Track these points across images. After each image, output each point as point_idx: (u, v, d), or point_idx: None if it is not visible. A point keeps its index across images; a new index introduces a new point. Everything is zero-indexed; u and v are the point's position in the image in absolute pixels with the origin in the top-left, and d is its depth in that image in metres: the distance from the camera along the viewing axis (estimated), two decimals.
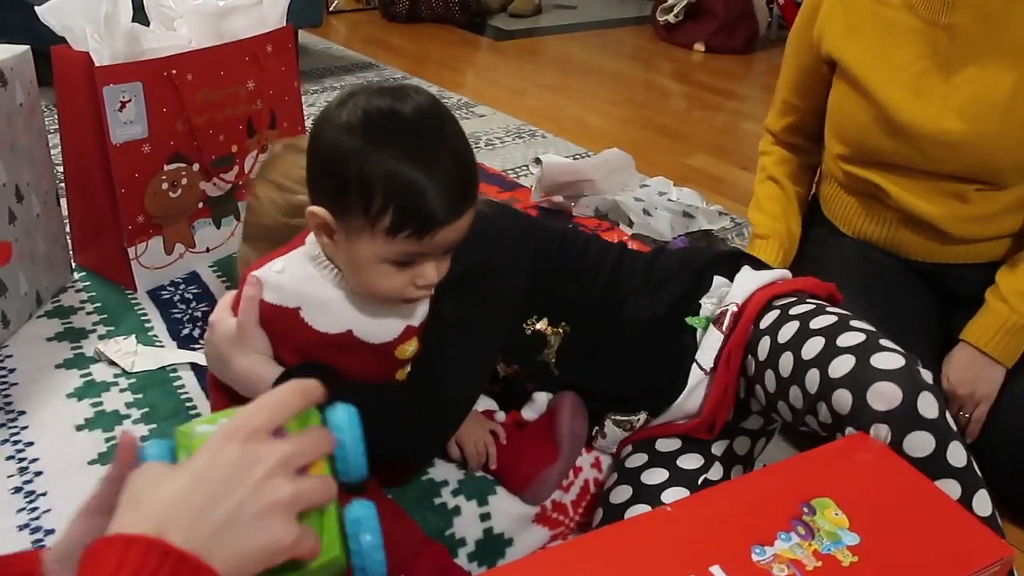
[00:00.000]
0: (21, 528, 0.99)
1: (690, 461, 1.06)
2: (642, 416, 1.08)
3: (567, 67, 3.35)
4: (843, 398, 0.86)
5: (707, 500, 0.76)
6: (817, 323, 0.96)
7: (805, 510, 0.72)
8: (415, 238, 0.79)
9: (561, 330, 1.06)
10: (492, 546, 1.04)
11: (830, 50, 1.32)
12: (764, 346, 0.98)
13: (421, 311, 0.94)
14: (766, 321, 1.00)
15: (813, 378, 0.90)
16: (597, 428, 1.11)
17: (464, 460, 1.07)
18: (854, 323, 0.94)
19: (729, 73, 3.37)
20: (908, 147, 1.24)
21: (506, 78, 3.14)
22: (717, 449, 1.08)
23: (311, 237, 0.89)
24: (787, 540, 0.69)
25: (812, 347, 0.92)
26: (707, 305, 1.07)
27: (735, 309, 1.04)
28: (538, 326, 1.06)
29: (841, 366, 0.88)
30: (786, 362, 0.94)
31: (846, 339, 0.91)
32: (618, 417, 1.09)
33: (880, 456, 0.82)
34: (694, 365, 1.04)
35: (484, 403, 1.11)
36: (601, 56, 3.57)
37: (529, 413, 1.10)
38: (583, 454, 1.11)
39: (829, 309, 0.99)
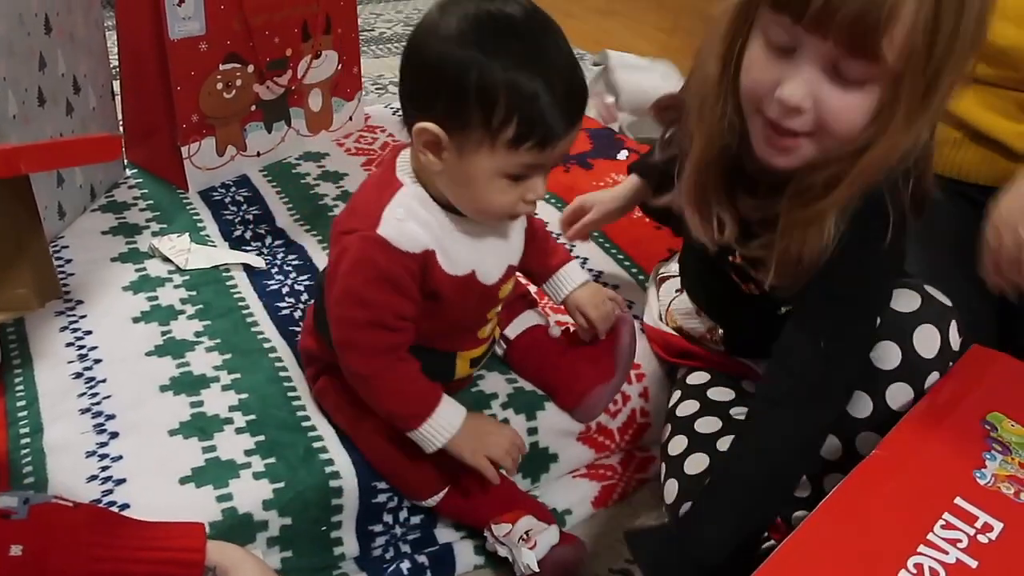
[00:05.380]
0: (83, 412, 1.01)
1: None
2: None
3: None
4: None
5: (901, 436, 0.73)
6: None
7: (987, 427, 0.72)
8: (537, 149, 0.79)
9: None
10: (538, 460, 1.06)
11: None
12: None
13: (517, 248, 0.95)
14: None
15: None
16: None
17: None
18: None
19: None
20: (999, 67, 1.15)
21: None
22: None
23: (407, 179, 0.86)
24: (994, 459, 0.69)
25: None
26: None
27: None
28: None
29: None
30: None
31: None
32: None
33: (1005, 362, 0.81)
34: None
35: (535, 318, 1.10)
36: None
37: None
38: (632, 383, 1.12)
39: None
